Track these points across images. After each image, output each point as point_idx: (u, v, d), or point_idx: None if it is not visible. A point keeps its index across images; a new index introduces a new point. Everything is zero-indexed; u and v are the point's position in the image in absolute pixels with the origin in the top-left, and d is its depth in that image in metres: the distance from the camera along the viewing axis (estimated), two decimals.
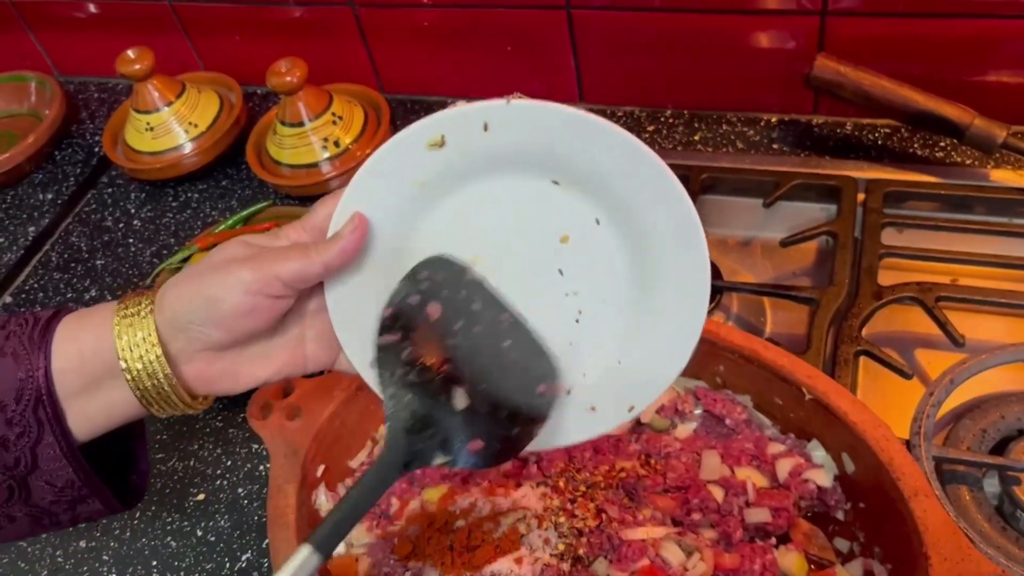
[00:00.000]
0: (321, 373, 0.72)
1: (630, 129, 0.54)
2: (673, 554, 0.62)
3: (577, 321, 0.57)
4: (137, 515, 0.80)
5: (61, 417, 0.55)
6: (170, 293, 0.56)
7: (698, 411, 0.71)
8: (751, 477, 0.66)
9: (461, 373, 0.55)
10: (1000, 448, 0.71)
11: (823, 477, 0.65)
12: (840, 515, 0.65)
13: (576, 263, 0.56)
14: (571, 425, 0.58)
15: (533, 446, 0.56)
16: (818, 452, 0.66)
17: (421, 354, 0.55)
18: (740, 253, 0.94)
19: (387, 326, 0.56)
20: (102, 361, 0.56)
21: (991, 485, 0.70)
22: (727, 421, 0.69)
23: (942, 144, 0.92)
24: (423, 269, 0.56)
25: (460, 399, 0.55)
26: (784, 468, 0.66)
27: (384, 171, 0.54)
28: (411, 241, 0.57)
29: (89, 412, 0.57)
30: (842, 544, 0.64)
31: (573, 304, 0.57)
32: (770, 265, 0.93)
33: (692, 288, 0.53)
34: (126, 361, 0.55)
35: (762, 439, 0.68)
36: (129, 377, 0.55)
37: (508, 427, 0.55)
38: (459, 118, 0.52)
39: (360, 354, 0.59)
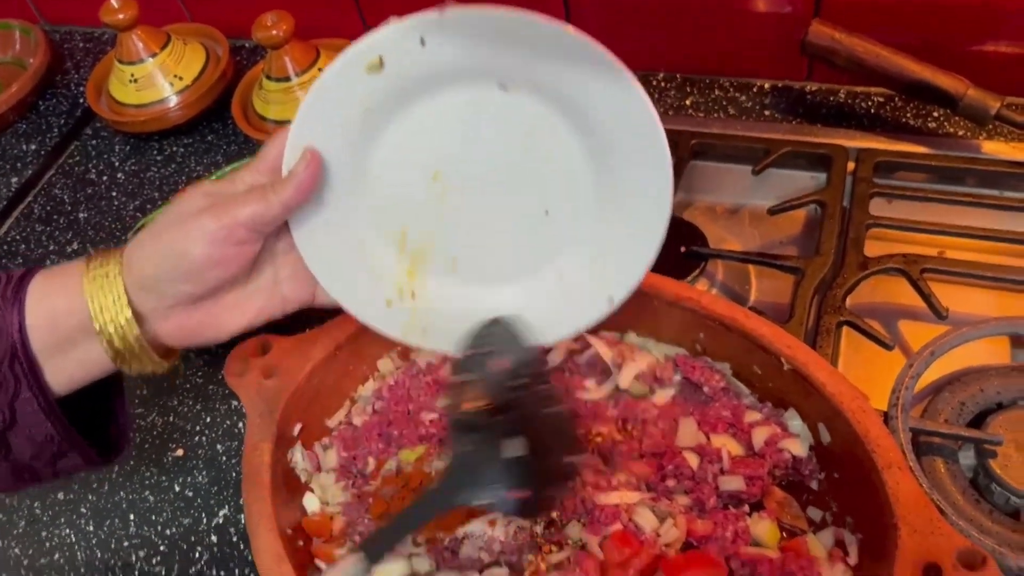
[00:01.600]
0: (303, 330, 0.72)
1: None
2: (646, 519, 0.62)
3: (547, 214, 0.59)
4: (116, 469, 0.80)
5: (37, 372, 0.56)
6: (136, 254, 0.56)
7: (677, 378, 0.71)
8: (727, 445, 0.66)
9: (516, 425, 0.57)
10: (978, 421, 0.71)
11: (798, 447, 0.65)
12: (814, 485, 0.65)
13: (536, 164, 0.57)
14: (554, 321, 0.61)
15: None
16: (794, 422, 0.66)
17: (488, 396, 0.58)
18: (728, 221, 0.93)
19: (460, 366, 0.59)
20: (75, 321, 0.56)
21: (967, 458, 0.70)
22: (705, 389, 0.69)
23: (935, 114, 0.91)
24: (492, 326, 0.59)
25: (517, 447, 0.56)
26: (760, 437, 0.66)
27: (327, 102, 0.54)
28: (368, 164, 0.58)
29: (65, 368, 0.57)
30: (815, 513, 0.64)
31: (539, 205, 0.59)
32: (757, 234, 0.92)
33: (654, 175, 0.55)
34: (99, 323, 0.55)
35: (739, 407, 0.68)
36: (103, 338, 0.56)
37: (546, 482, 0.58)
38: (393, 36, 0.52)
39: (337, 285, 0.60)
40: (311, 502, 0.68)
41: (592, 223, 0.59)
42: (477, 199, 0.59)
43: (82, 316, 0.55)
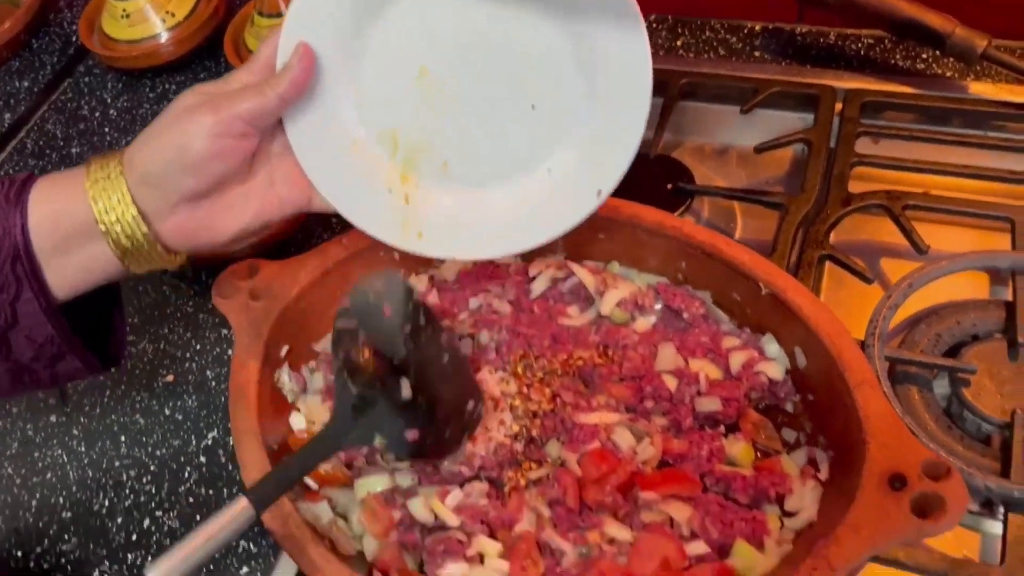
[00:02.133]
0: (291, 253, 0.73)
1: None
2: (624, 438, 0.64)
3: (533, 109, 0.61)
4: (107, 393, 0.82)
5: (39, 273, 0.57)
6: (137, 153, 0.57)
7: (658, 306, 0.72)
8: (704, 368, 0.67)
9: (407, 369, 0.59)
10: (953, 352, 0.72)
11: (775, 370, 0.66)
12: (789, 407, 0.66)
13: (520, 58, 0.59)
14: (546, 219, 0.63)
15: (511, 247, 0.65)
16: (771, 346, 0.67)
17: (374, 342, 0.60)
18: (716, 161, 0.94)
19: (344, 312, 0.60)
20: (77, 222, 0.57)
21: (941, 387, 0.71)
22: (685, 315, 0.70)
23: (924, 56, 0.92)
24: (376, 278, 0.61)
25: (405, 390, 0.59)
26: (737, 360, 0.67)
27: None
28: (358, 60, 0.60)
29: (67, 270, 0.58)
30: (789, 435, 0.65)
31: (525, 99, 0.61)
32: (745, 174, 0.93)
33: (635, 64, 0.57)
34: (105, 224, 0.57)
35: (718, 333, 0.69)
36: (110, 239, 0.57)
37: (442, 429, 0.61)
38: None
39: (331, 187, 0.63)
40: (297, 420, 0.69)
41: (577, 115, 0.61)
42: (464, 95, 0.61)
43: (86, 217, 0.56)
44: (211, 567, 0.70)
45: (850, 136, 0.85)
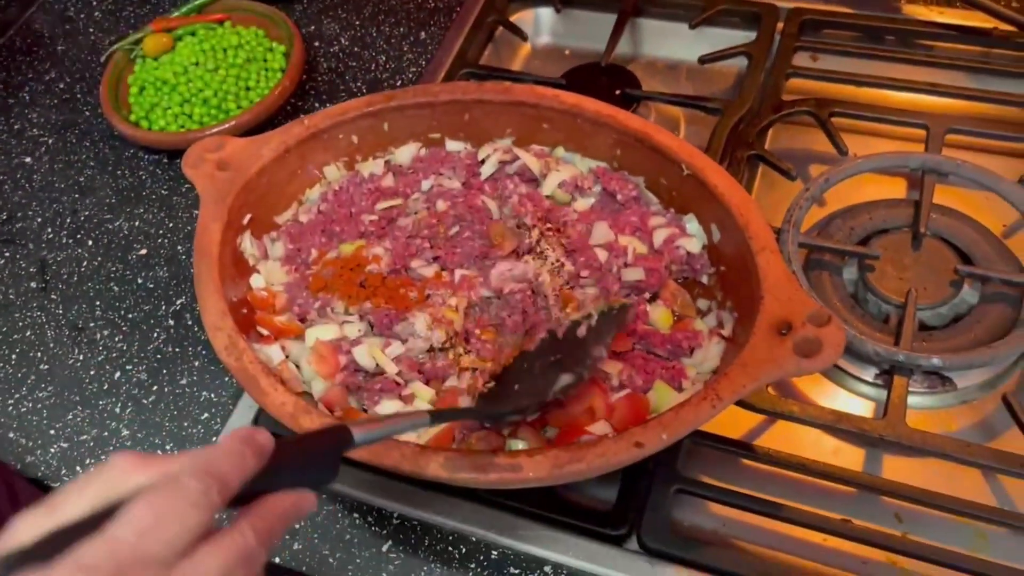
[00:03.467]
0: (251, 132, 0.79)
1: None
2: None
3: None
4: (84, 264, 0.88)
5: None
6: None
7: (596, 188, 0.78)
8: (632, 244, 0.73)
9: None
10: (864, 244, 0.78)
11: (693, 245, 0.72)
12: (705, 280, 0.72)
13: None
14: None
15: None
16: (692, 224, 0.73)
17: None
18: (665, 75, 1.00)
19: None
20: None
21: (850, 273, 0.77)
22: (619, 197, 0.76)
23: None
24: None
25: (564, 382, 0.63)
26: (660, 236, 0.73)
27: None
28: None
29: None
30: (703, 304, 0.72)
31: None
32: (691, 87, 0.98)
33: None
34: None
35: (647, 213, 0.75)
36: None
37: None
38: None
39: None
40: (257, 280, 0.75)
41: None
42: None
43: None
44: (174, 412, 0.76)
45: (788, 50, 0.90)
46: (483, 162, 0.80)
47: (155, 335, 0.82)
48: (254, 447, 0.43)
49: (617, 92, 0.92)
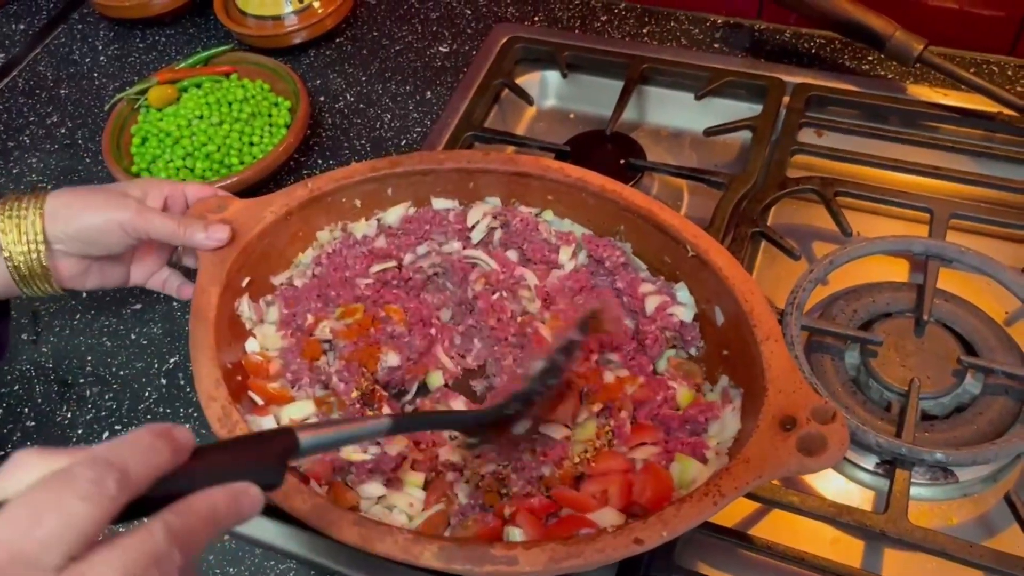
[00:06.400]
0: (254, 194, 0.78)
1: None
2: None
3: None
4: (77, 317, 0.86)
5: None
6: (63, 210, 0.68)
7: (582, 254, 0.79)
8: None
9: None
10: (866, 328, 0.78)
11: (685, 313, 0.73)
12: (694, 351, 0.73)
13: None
14: None
15: None
16: (682, 293, 0.74)
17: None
18: (670, 143, 1.00)
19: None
20: None
21: (852, 357, 0.77)
22: (607, 263, 0.77)
23: (869, 58, 0.98)
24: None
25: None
26: (652, 304, 0.74)
27: None
28: None
29: None
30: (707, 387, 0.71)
31: None
32: (696, 157, 0.98)
33: None
34: (10, 253, 0.67)
35: (636, 280, 0.76)
36: (11, 265, 0.68)
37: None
38: None
39: None
40: (252, 344, 0.74)
41: None
42: None
43: None
44: None
45: (793, 126, 0.91)
46: (473, 227, 0.80)
47: (147, 394, 0.80)
48: (169, 440, 0.39)
49: (622, 161, 0.92)
